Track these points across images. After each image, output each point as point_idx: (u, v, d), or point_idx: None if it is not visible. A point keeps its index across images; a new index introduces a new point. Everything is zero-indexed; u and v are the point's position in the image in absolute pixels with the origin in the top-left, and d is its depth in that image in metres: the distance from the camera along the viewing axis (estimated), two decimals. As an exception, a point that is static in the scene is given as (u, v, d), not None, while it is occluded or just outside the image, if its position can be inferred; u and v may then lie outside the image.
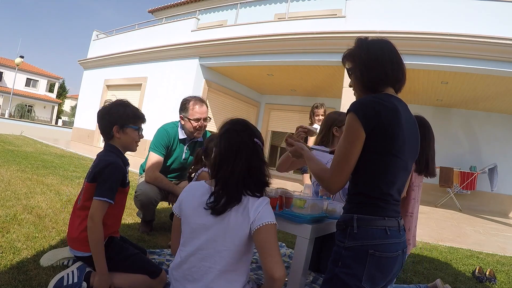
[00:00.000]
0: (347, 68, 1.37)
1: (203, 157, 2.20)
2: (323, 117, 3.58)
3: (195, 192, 1.34)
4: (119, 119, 1.73)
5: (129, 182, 1.81)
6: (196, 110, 2.64)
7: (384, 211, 1.18)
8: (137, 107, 1.87)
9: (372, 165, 1.17)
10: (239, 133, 1.33)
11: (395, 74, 1.26)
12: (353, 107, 1.18)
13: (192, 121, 2.64)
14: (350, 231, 1.17)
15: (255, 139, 1.34)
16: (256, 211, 1.24)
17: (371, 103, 1.17)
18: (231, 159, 1.29)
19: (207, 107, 2.75)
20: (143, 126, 1.85)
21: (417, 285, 2.13)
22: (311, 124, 4.19)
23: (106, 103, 1.80)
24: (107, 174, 1.61)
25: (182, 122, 2.71)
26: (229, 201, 1.25)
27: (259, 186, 1.32)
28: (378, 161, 1.16)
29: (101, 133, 1.79)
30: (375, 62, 1.25)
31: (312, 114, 4.24)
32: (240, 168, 1.28)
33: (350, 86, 1.39)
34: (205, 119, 2.69)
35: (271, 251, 1.20)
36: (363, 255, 1.13)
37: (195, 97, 2.74)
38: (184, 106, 2.68)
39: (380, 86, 1.26)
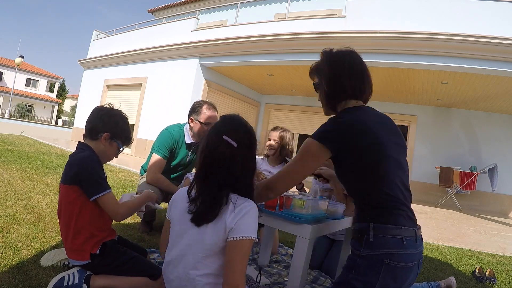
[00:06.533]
0: (314, 83, 1.38)
1: None
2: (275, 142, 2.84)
3: (184, 197, 1.28)
4: (115, 130, 1.68)
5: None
6: (209, 114, 2.64)
7: (399, 219, 1.16)
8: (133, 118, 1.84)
9: (370, 172, 1.19)
10: (218, 132, 1.19)
11: (357, 86, 1.28)
12: (316, 135, 1.23)
13: (203, 124, 2.64)
14: (366, 240, 1.15)
15: (225, 137, 1.17)
16: (235, 219, 1.12)
17: (336, 128, 1.22)
18: (208, 163, 1.18)
19: (217, 114, 2.74)
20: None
21: (429, 283, 2.13)
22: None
23: (108, 105, 1.74)
24: (88, 170, 1.54)
25: (191, 125, 2.70)
26: (206, 211, 1.15)
27: (242, 191, 1.19)
28: (372, 167, 1.19)
29: (86, 129, 1.67)
30: (335, 76, 1.27)
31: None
32: (219, 174, 1.16)
33: (318, 100, 1.40)
34: None
35: (236, 266, 1.09)
36: (378, 264, 1.12)
37: (207, 102, 2.75)
38: (196, 109, 2.68)
39: (342, 100, 1.30)
